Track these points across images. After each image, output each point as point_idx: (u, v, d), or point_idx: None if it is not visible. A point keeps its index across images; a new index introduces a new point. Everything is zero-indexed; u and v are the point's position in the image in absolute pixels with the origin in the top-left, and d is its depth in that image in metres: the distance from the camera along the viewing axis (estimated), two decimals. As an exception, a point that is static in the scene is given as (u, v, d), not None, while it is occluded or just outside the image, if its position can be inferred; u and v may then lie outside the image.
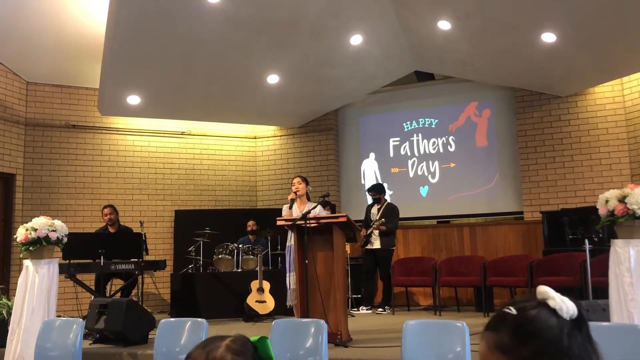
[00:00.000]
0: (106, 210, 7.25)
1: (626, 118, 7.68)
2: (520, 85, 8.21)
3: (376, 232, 7.39)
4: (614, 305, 3.80)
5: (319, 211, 5.30)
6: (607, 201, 3.89)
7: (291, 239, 5.44)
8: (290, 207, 5.55)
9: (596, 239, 6.20)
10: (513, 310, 1.02)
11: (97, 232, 7.38)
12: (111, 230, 7.25)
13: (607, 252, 4.02)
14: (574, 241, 6.73)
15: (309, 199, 5.70)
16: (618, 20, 6.13)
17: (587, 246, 5.13)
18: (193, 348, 1.29)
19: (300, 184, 5.59)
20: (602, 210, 3.95)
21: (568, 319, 0.99)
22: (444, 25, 6.95)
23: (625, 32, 6.32)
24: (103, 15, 6.79)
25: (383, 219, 7.35)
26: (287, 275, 5.48)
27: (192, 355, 1.27)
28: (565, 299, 1.00)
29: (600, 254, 5.59)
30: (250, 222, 8.09)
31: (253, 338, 1.33)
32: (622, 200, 3.80)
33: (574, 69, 7.35)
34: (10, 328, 4.82)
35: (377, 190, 7.69)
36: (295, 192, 5.58)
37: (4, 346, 4.85)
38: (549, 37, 6.61)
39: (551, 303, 1.00)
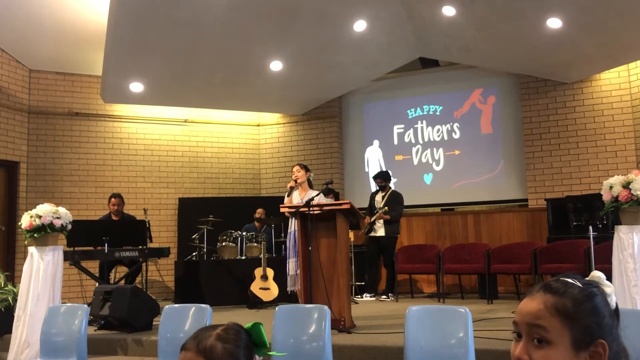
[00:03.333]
0: (114, 200, 7.30)
1: (632, 105, 7.62)
2: (526, 71, 8.15)
3: (380, 220, 7.39)
4: (618, 291, 3.79)
5: (319, 199, 5.30)
6: (611, 187, 3.87)
7: (291, 226, 5.47)
8: (289, 195, 5.56)
9: (600, 226, 6.18)
10: (578, 283, 1.05)
11: (101, 219, 7.41)
12: (114, 218, 7.29)
13: (611, 239, 4.01)
14: (578, 228, 6.71)
15: (310, 186, 5.69)
16: (624, 6, 6.06)
17: (591, 233, 5.11)
18: (188, 339, 1.30)
19: (299, 171, 5.60)
20: (606, 197, 3.93)
21: (612, 308, 1.03)
22: (449, 10, 6.89)
23: (631, 17, 6.25)
24: (105, 3, 6.76)
25: (386, 208, 7.32)
26: (288, 261, 5.52)
27: (184, 347, 1.29)
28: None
29: (604, 241, 5.57)
30: (259, 210, 8.08)
31: (247, 325, 1.33)
32: (626, 186, 3.79)
33: (579, 55, 7.29)
34: (15, 314, 4.86)
35: (383, 178, 7.67)
36: (295, 180, 5.59)
37: (10, 332, 4.89)
38: (554, 23, 6.55)
39: (607, 290, 1.04)
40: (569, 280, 1.05)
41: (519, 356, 1.03)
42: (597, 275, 1.07)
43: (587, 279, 1.07)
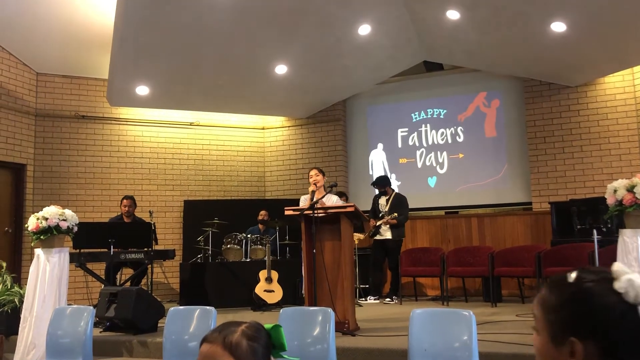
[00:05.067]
0: (126, 202, 7.37)
1: (637, 108, 7.61)
2: (530, 75, 8.16)
3: (387, 225, 7.37)
4: (622, 294, 3.79)
5: (335, 201, 5.37)
6: (615, 191, 3.88)
7: None
8: (312, 199, 5.54)
9: (604, 229, 6.18)
10: (572, 277, 1.03)
11: (112, 220, 7.46)
12: (126, 220, 7.34)
13: (616, 242, 4.01)
14: (583, 231, 6.72)
15: (325, 190, 5.71)
16: (629, 9, 6.07)
17: (596, 236, 5.11)
18: (209, 332, 1.32)
19: (317, 175, 5.62)
20: (610, 200, 3.94)
21: (633, 302, 0.95)
22: (453, 14, 6.91)
23: (636, 20, 6.25)
24: (111, 6, 6.81)
25: (395, 214, 7.28)
26: (303, 264, 5.53)
27: (208, 339, 1.30)
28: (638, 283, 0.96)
29: (608, 245, 5.57)
30: (263, 212, 8.13)
31: (267, 325, 1.36)
32: (630, 189, 3.79)
33: (584, 58, 7.29)
34: (22, 316, 4.89)
35: (381, 184, 7.64)
36: (315, 184, 5.60)
37: (17, 333, 4.92)
38: (558, 27, 6.56)
39: (616, 285, 0.97)
40: (570, 272, 1.04)
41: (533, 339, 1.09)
42: (615, 269, 1.00)
43: (596, 269, 1.03)
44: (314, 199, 5.30)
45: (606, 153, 7.72)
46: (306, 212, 5.04)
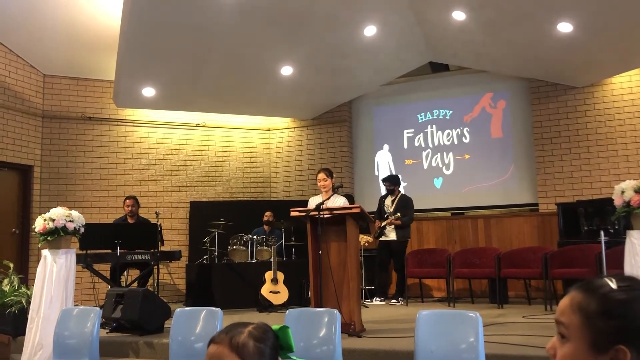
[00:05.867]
0: (128, 202, 7.39)
1: (644, 109, 7.58)
2: (536, 75, 8.13)
3: (391, 225, 7.37)
4: (629, 296, 3.77)
5: (342, 203, 5.38)
6: (623, 192, 3.86)
7: None
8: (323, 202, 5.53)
9: (612, 231, 6.15)
10: (613, 284, 0.99)
11: (116, 222, 7.48)
12: (130, 221, 7.36)
13: (623, 243, 3.99)
14: (589, 233, 6.69)
15: (334, 191, 5.69)
16: (635, 9, 6.04)
17: (603, 238, 5.08)
18: (216, 333, 1.33)
19: (325, 180, 5.55)
20: (618, 201, 3.92)
21: None
22: (459, 15, 6.90)
23: (643, 21, 6.22)
24: (118, 8, 6.84)
25: (399, 214, 7.29)
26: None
27: (215, 340, 1.31)
28: None
29: (615, 246, 5.55)
30: (268, 213, 8.15)
31: (275, 327, 1.36)
32: (638, 191, 3.78)
33: (590, 59, 7.26)
34: (29, 316, 4.91)
35: (392, 182, 7.66)
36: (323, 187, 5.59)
37: (24, 334, 4.94)
38: (565, 27, 6.54)
39: None
40: (606, 279, 1.00)
41: (547, 349, 1.03)
42: None
43: (634, 277, 1.00)
44: (322, 200, 5.30)
45: (613, 154, 7.68)
46: (312, 213, 5.03)
